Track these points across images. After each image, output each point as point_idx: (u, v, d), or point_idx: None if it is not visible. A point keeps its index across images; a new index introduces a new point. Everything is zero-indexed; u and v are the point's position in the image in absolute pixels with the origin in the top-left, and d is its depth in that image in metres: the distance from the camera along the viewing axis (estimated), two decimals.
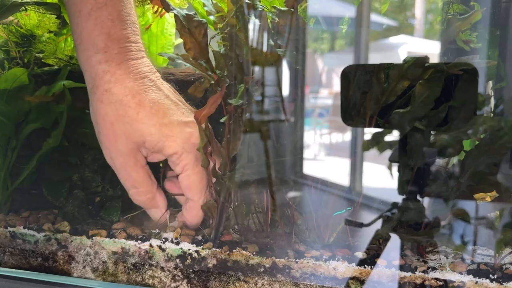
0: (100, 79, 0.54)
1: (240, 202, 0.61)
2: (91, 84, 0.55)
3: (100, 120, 0.55)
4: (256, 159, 0.63)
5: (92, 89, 0.55)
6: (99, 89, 0.54)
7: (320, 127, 1.69)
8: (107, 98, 0.54)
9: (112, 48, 0.54)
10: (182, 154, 0.56)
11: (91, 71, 0.54)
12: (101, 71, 0.54)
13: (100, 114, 0.55)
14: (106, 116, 0.54)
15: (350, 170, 0.98)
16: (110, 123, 0.54)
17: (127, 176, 0.57)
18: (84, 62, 0.55)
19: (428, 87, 0.51)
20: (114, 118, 0.54)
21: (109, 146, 0.56)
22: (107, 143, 0.56)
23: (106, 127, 0.55)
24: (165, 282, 0.59)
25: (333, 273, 0.53)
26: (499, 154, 0.51)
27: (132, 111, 0.54)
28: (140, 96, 0.54)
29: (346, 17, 0.78)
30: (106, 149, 0.56)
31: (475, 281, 0.50)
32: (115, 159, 0.56)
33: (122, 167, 0.56)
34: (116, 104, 0.54)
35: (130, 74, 0.55)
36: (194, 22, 0.53)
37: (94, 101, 0.55)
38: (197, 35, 0.53)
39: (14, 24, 0.71)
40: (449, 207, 0.54)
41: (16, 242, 0.64)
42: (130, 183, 0.57)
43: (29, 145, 0.71)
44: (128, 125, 0.54)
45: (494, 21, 0.63)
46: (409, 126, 0.51)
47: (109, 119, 0.54)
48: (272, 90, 0.64)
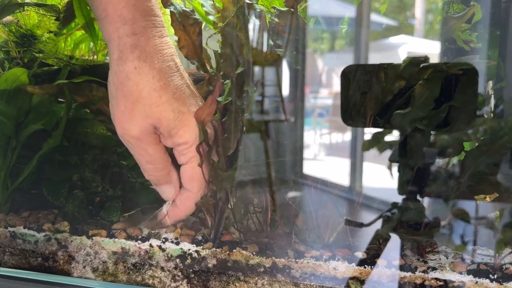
0: (129, 53, 0.53)
1: (239, 201, 0.61)
2: (116, 55, 0.54)
3: (121, 96, 0.54)
4: (255, 159, 0.63)
5: (119, 61, 0.54)
6: (127, 64, 0.54)
7: (320, 127, 1.70)
8: (135, 77, 0.53)
9: (139, 20, 0.53)
10: (192, 145, 0.56)
11: (119, 43, 0.54)
12: (130, 45, 0.53)
13: (123, 90, 0.54)
14: (130, 94, 0.54)
15: (350, 170, 0.98)
16: (131, 103, 0.54)
17: (143, 152, 0.56)
18: (110, 33, 0.54)
19: (428, 87, 0.51)
20: (136, 98, 0.54)
21: (124, 123, 0.55)
22: (122, 120, 0.55)
23: (126, 105, 0.54)
24: (165, 282, 0.59)
25: (333, 273, 0.53)
26: (499, 154, 0.51)
27: (155, 94, 0.54)
28: (166, 80, 0.54)
29: (346, 17, 0.78)
30: (121, 125, 0.55)
31: (475, 281, 0.50)
32: (129, 136, 0.55)
33: (138, 143, 0.56)
34: (142, 85, 0.54)
35: (158, 54, 0.54)
36: (190, 20, 0.53)
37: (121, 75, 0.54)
38: (192, 33, 0.53)
39: (14, 24, 0.71)
40: (449, 207, 0.54)
41: (16, 242, 0.64)
42: (146, 158, 0.57)
43: (29, 145, 0.71)
44: (148, 107, 0.54)
45: (494, 21, 0.63)
46: (409, 127, 0.51)
47: (131, 98, 0.54)
48: (272, 90, 0.64)
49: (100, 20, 0.55)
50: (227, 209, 0.60)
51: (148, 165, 0.58)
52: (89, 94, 0.66)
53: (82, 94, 0.66)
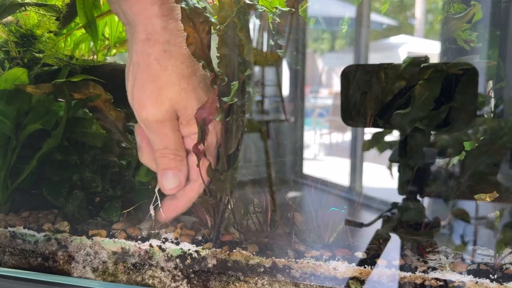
0: (159, 36, 0.52)
1: (239, 202, 0.61)
2: (144, 36, 0.52)
3: (148, 80, 0.53)
4: (256, 159, 0.63)
5: (147, 42, 0.52)
6: (157, 46, 0.52)
7: (320, 127, 1.70)
8: (165, 61, 0.52)
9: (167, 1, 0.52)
10: (208, 136, 0.56)
11: (147, 24, 0.52)
12: (159, 26, 0.52)
13: (151, 74, 0.52)
14: (157, 78, 0.52)
15: (350, 170, 0.98)
16: (159, 87, 0.53)
17: (164, 136, 0.55)
18: (137, 13, 0.52)
19: (428, 87, 0.51)
20: (165, 83, 0.52)
21: (150, 107, 0.53)
22: (148, 103, 0.53)
23: (153, 89, 0.53)
24: (165, 282, 0.59)
25: (333, 273, 0.53)
26: (499, 154, 0.51)
27: (184, 80, 0.53)
28: (193, 68, 0.53)
29: (346, 17, 0.78)
30: (145, 108, 0.54)
31: (475, 281, 0.50)
32: (153, 120, 0.54)
33: (161, 127, 0.54)
34: (172, 70, 0.52)
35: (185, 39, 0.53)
36: (200, 17, 0.52)
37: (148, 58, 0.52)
38: (201, 31, 0.53)
39: (14, 24, 0.71)
40: (449, 207, 0.54)
41: (16, 242, 0.64)
42: (166, 143, 0.55)
43: (29, 145, 0.71)
44: (176, 93, 0.53)
45: (494, 21, 0.63)
46: (409, 127, 0.51)
47: (159, 82, 0.52)
48: (272, 90, 0.64)
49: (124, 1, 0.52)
50: (227, 209, 0.60)
51: (167, 150, 0.56)
52: (86, 92, 0.66)
53: (79, 92, 0.66)
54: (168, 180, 0.57)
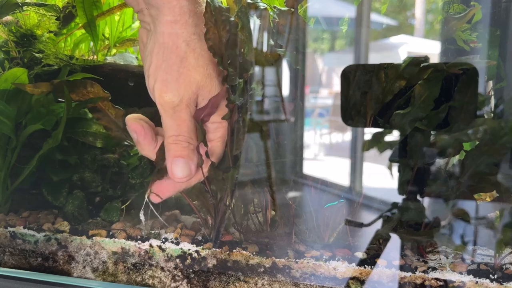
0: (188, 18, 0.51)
1: (239, 202, 0.61)
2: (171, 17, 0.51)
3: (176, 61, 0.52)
4: (256, 159, 0.63)
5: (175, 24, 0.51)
6: (187, 28, 0.51)
7: (320, 127, 1.70)
8: (194, 44, 0.52)
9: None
10: (218, 128, 0.56)
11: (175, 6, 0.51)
12: (187, 9, 0.51)
13: (180, 55, 0.52)
14: (186, 60, 0.52)
15: (350, 170, 0.98)
16: (187, 69, 0.52)
17: (181, 122, 0.54)
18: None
19: (427, 87, 0.51)
20: (193, 66, 0.52)
21: (171, 88, 0.52)
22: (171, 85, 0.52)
23: (180, 71, 0.52)
24: (165, 282, 0.59)
25: (333, 273, 0.53)
26: (499, 154, 0.51)
27: (211, 66, 0.53)
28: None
29: (346, 17, 0.78)
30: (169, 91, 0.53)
31: (475, 281, 0.50)
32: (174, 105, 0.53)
33: (179, 112, 0.54)
34: (200, 53, 0.52)
35: None
36: (223, 16, 0.53)
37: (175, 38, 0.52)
38: (221, 29, 0.53)
39: (14, 24, 0.71)
40: (449, 207, 0.54)
41: (16, 242, 0.64)
42: (183, 128, 0.54)
43: (29, 145, 0.71)
44: (203, 78, 0.53)
45: (494, 21, 0.63)
46: (410, 127, 0.51)
47: (188, 64, 0.52)
48: (272, 90, 0.64)
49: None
50: (227, 209, 0.60)
51: (181, 136, 0.55)
52: (84, 90, 0.66)
53: (76, 91, 0.66)
54: (179, 168, 0.56)
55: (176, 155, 0.56)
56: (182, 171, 0.56)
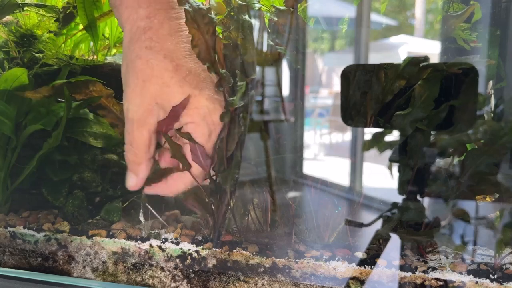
0: (141, 34, 0.54)
1: (238, 202, 0.61)
2: (128, 38, 0.55)
3: (133, 74, 0.54)
4: (256, 158, 0.62)
5: (130, 43, 0.54)
6: (139, 43, 0.54)
7: (320, 127, 1.70)
8: (146, 56, 0.53)
9: (155, 4, 0.53)
10: (199, 126, 0.56)
11: (132, 27, 0.54)
12: (143, 27, 0.53)
13: (135, 69, 0.54)
14: (140, 72, 0.54)
15: (350, 170, 0.98)
16: (142, 81, 0.54)
17: (130, 131, 0.56)
18: (126, 19, 0.54)
19: (427, 87, 0.51)
20: (147, 76, 0.54)
21: (131, 100, 0.55)
22: (131, 97, 0.55)
23: (136, 82, 0.54)
24: (165, 282, 0.59)
25: (333, 273, 0.53)
26: (499, 154, 0.51)
27: (167, 74, 0.54)
28: (179, 61, 0.54)
29: (346, 17, 0.78)
30: (127, 101, 0.55)
31: (475, 281, 0.50)
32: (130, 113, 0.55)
33: (131, 122, 0.56)
34: (154, 64, 0.53)
35: (172, 35, 0.54)
36: (205, 18, 0.53)
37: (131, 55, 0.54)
38: (206, 33, 0.53)
39: (14, 24, 0.71)
40: (449, 207, 0.54)
41: (16, 242, 0.64)
42: (129, 139, 0.57)
43: (29, 145, 0.71)
44: (158, 87, 0.54)
45: (494, 20, 0.63)
46: (411, 128, 0.51)
47: (142, 76, 0.54)
48: (272, 90, 0.64)
49: (116, 7, 0.55)
50: (228, 209, 0.60)
51: (128, 145, 0.57)
52: (86, 90, 0.66)
53: (79, 91, 0.66)
54: (128, 180, 0.59)
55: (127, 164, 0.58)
56: (128, 181, 0.58)
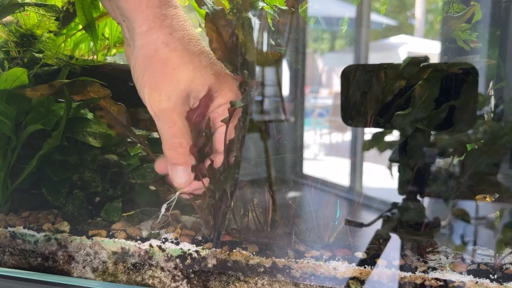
0: (161, 22, 0.52)
1: (238, 202, 0.61)
2: (146, 26, 0.52)
3: (158, 65, 0.52)
4: (256, 158, 0.62)
5: (150, 31, 0.52)
6: (162, 30, 0.52)
7: (320, 127, 1.70)
8: (173, 43, 0.52)
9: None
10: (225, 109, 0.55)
11: (148, 13, 0.52)
12: (160, 14, 0.52)
13: (160, 58, 0.52)
14: (169, 60, 0.52)
15: (350, 170, 0.98)
16: (172, 68, 0.52)
17: (172, 124, 0.54)
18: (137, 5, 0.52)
19: (427, 87, 0.51)
20: (177, 64, 0.52)
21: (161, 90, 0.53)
22: (159, 87, 0.53)
23: (164, 71, 0.52)
24: (165, 282, 0.59)
25: (333, 273, 0.53)
26: (499, 154, 0.51)
27: (196, 58, 0.53)
28: (201, 45, 0.54)
29: (346, 17, 0.78)
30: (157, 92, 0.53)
31: (475, 281, 0.50)
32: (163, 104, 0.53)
33: (169, 113, 0.54)
34: (182, 50, 0.52)
35: (187, 22, 0.54)
36: (222, 21, 0.53)
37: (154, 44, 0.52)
38: (224, 35, 0.53)
39: (14, 24, 0.71)
40: (449, 207, 0.54)
41: (16, 242, 0.64)
42: (172, 131, 0.55)
43: (29, 145, 0.71)
44: (191, 72, 0.53)
45: (494, 21, 0.63)
46: (411, 128, 0.51)
47: (172, 64, 0.52)
48: (272, 90, 0.64)
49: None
50: (228, 209, 0.60)
51: (175, 139, 0.55)
52: (84, 90, 0.66)
53: (77, 92, 0.66)
54: (178, 176, 0.57)
55: (174, 162, 0.57)
56: (181, 177, 0.57)
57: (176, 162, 0.57)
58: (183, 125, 0.55)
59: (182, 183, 0.57)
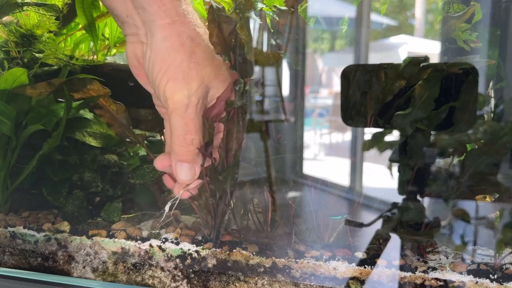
0: (184, 17, 0.52)
1: (238, 202, 0.61)
2: (169, 19, 0.51)
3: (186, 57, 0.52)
4: (255, 158, 0.62)
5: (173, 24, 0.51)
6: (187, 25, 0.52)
7: (320, 127, 1.70)
8: (198, 37, 0.52)
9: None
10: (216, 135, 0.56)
11: (169, 8, 0.51)
12: (182, 9, 0.52)
13: (187, 51, 0.52)
14: (194, 54, 0.52)
15: (350, 170, 0.98)
16: (197, 63, 0.52)
17: (190, 120, 0.54)
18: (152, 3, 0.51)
19: (427, 87, 0.51)
20: (202, 59, 0.52)
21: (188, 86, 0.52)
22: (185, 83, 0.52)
23: (191, 66, 0.52)
24: (165, 282, 0.59)
25: (333, 273, 0.53)
26: (499, 154, 0.51)
27: (214, 55, 0.53)
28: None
29: (346, 17, 0.78)
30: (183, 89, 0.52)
31: (475, 281, 0.50)
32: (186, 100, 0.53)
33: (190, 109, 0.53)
34: (205, 46, 0.53)
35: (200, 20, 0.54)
36: (223, 17, 0.53)
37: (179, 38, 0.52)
38: (225, 31, 0.53)
39: (14, 24, 0.71)
40: (449, 207, 0.54)
41: (16, 242, 0.64)
42: (190, 127, 0.54)
43: (29, 145, 0.71)
44: (215, 68, 0.53)
45: (494, 21, 0.63)
46: (411, 128, 0.51)
47: (197, 58, 0.52)
48: (272, 90, 0.64)
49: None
50: (228, 210, 0.60)
51: (189, 135, 0.55)
52: (83, 89, 0.66)
53: (77, 90, 0.66)
54: (183, 172, 0.56)
55: (181, 159, 0.56)
56: (186, 175, 0.56)
57: (184, 159, 0.56)
58: (199, 122, 0.54)
59: (187, 180, 0.57)
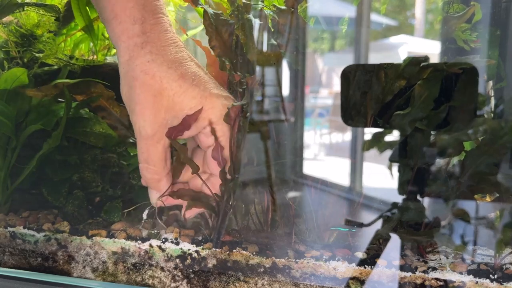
0: (140, 50, 0.53)
1: (240, 202, 0.61)
2: (127, 56, 0.54)
3: (141, 91, 0.54)
4: (256, 159, 0.62)
5: (130, 60, 0.54)
6: (139, 59, 0.53)
7: (320, 127, 1.69)
8: (151, 70, 0.53)
9: (149, 18, 0.53)
10: (218, 125, 0.56)
11: (129, 44, 0.54)
12: (140, 43, 0.53)
13: (142, 85, 0.54)
14: (149, 87, 0.53)
15: (350, 170, 0.98)
16: (153, 95, 0.53)
17: (145, 150, 0.56)
18: (119, 35, 0.54)
19: (427, 87, 0.51)
20: (157, 90, 0.53)
21: (143, 117, 0.54)
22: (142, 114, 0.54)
23: (146, 98, 0.54)
24: (165, 282, 0.59)
25: (333, 273, 0.53)
26: (499, 154, 0.51)
27: (175, 84, 0.54)
28: (182, 69, 0.54)
29: (346, 17, 0.78)
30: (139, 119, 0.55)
31: (475, 281, 0.50)
32: (144, 130, 0.55)
33: (146, 139, 0.55)
34: (161, 76, 0.53)
35: (170, 46, 0.54)
36: (221, 21, 0.53)
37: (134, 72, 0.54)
38: (223, 33, 0.53)
39: (14, 24, 0.71)
40: (449, 207, 0.54)
41: (16, 242, 0.64)
42: (144, 157, 0.56)
43: (29, 145, 0.71)
44: (170, 98, 0.54)
45: (494, 21, 0.63)
46: (410, 128, 0.51)
47: (151, 90, 0.53)
48: (272, 90, 0.64)
49: (108, 22, 0.54)
50: (229, 209, 0.60)
51: (144, 163, 0.57)
52: (87, 91, 0.66)
53: (80, 92, 0.66)
54: (151, 196, 0.59)
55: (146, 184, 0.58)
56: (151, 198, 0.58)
57: (148, 185, 0.58)
58: (155, 152, 0.56)
59: (155, 204, 0.58)
